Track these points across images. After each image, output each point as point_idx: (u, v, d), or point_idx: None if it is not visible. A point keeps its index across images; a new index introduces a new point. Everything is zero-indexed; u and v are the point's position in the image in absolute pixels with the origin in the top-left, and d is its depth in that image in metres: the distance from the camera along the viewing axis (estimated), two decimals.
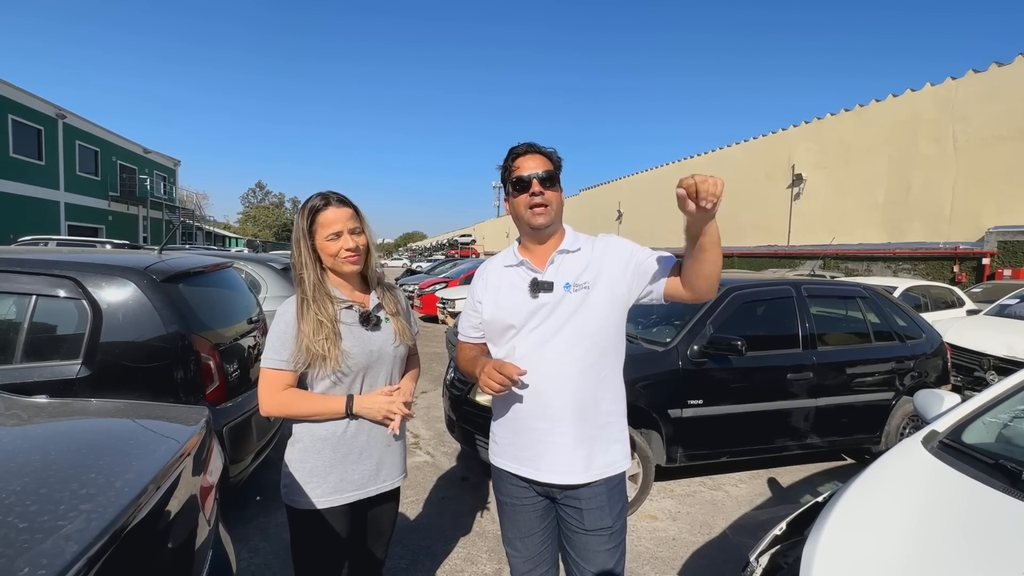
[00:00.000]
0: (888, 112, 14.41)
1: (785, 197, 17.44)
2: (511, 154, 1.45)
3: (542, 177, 1.39)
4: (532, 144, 1.45)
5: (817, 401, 3.61)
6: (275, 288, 5.27)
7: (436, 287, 12.47)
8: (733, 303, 3.56)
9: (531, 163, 1.41)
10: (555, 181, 1.42)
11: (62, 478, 0.83)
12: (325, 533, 1.47)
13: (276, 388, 1.42)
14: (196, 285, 2.86)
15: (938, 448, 1.69)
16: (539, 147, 1.45)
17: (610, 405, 1.44)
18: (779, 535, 1.69)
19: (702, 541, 2.91)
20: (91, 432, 1.11)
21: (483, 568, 2.59)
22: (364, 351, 1.47)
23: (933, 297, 7.84)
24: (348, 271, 1.49)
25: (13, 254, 2.59)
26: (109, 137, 24.32)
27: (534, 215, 1.39)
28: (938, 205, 12.98)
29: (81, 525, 0.70)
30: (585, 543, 1.41)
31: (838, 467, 4.02)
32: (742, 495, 3.49)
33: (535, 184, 1.38)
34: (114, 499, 0.78)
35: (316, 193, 1.50)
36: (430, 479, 3.64)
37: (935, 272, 12.56)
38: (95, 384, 2.32)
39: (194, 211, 35.65)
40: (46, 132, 19.95)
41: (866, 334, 4.01)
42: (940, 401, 2.03)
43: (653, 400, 3.18)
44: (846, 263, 14.73)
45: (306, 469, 1.46)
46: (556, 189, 1.43)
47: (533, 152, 1.43)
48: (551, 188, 1.40)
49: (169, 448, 1.02)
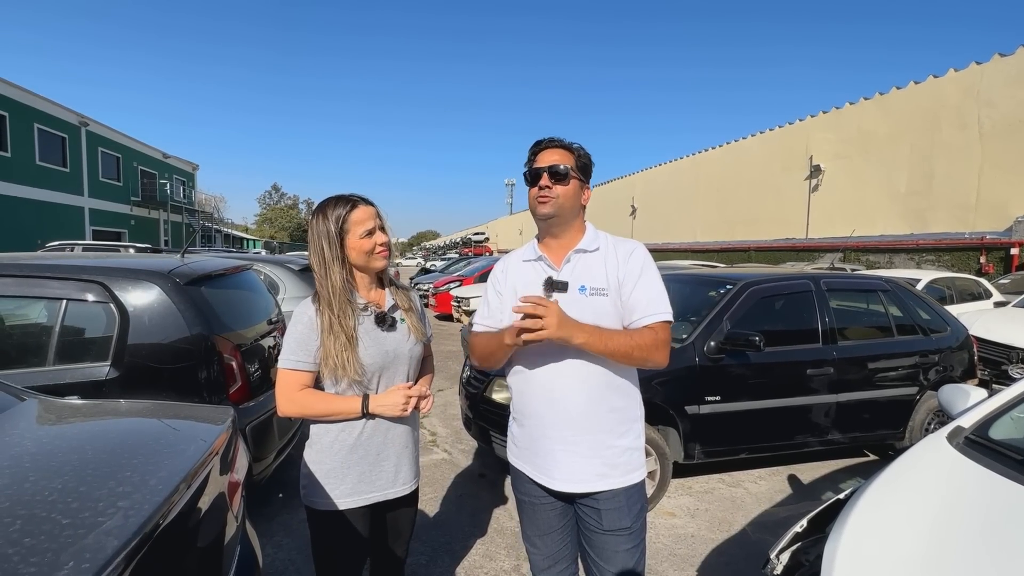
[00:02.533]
0: (910, 100, 14.04)
1: (803, 189, 17.13)
2: (532, 148, 1.46)
3: (553, 172, 1.38)
4: (554, 139, 1.45)
5: (838, 397, 3.55)
6: (293, 289, 5.36)
7: (450, 286, 12.51)
8: (750, 298, 3.53)
9: (549, 157, 1.41)
10: (568, 176, 1.39)
11: (99, 476, 0.87)
12: (345, 534, 1.49)
13: (293, 388, 1.45)
14: (218, 287, 2.93)
15: (964, 444, 1.66)
16: (561, 142, 1.44)
17: (625, 413, 1.42)
18: (800, 532, 1.68)
19: (721, 538, 2.89)
20: (124, 432, 1.15)
21: (502, 564, 2.62)
22: (380, 352, 1.48)
23: (958, 289, 7.64)
24: (381, 266, 1.51)
25: (43, 260, 2.67)
26: (130, 143, 24.91)
27: (538, 203, 1.41)
28: (963, 194, 12.61)
29: (120, 522, 0.73)
30: (604, 543, 1.40)
31: (860, 463, 3.95)
32: (761, 492, 3.46)
33: (544, 177, 1.39)
34: (149, 497, 0.81)
35: (335, 196, 1.50)
36: (447, 476, 3.67)
37: (960, 263, 12.22)
38: (123, 385, 2.39)
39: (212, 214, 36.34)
40: (70, 140, 20.51)
41: (888, 328, 3.94)
42: (966, 396, 1.99)
43: (670, 397, 3.17)
44: (867, 255, 14.41)
45: (323, 470, 1.48)
46: (568, 184, 1.39)
47: (554, 147, 1.43)
48: (561, 182, 1.38)
49: (199, 447, 1.05)
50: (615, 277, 1.38)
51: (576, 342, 1.24)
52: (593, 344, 1.26)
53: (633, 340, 1.30)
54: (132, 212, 24.90)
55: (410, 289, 1.70)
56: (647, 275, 1.38)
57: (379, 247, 1.48)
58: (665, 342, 1.34)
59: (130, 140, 24.94)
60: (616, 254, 1.41)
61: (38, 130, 18.75)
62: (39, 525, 0.72)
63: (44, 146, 19.07)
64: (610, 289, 1.36)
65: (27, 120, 18.22)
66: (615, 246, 1.44)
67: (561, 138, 1.45)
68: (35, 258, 2.77)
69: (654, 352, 1.32)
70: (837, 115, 16.25)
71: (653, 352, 1.32)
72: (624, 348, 1.29)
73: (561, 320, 1.23)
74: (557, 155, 1.41)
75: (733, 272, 4.51)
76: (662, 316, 1.35)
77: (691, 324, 3.48)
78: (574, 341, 1.24)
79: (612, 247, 1.43)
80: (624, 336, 1.31)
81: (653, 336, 1.32)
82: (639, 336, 1.31)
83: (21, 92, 17.89)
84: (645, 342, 1.31)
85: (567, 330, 1.23)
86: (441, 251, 54.35)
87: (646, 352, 1.31)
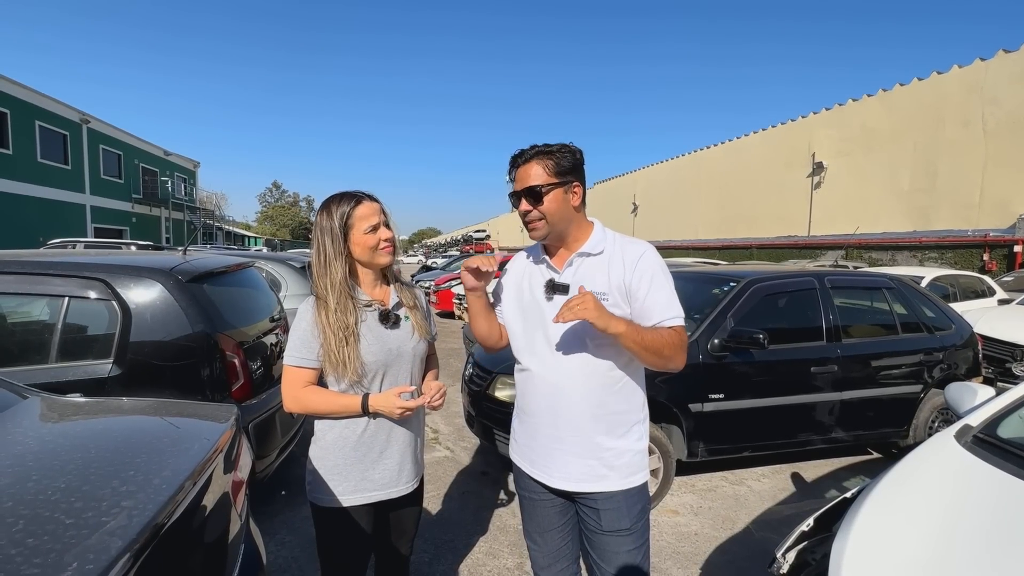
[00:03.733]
0: (913, 96, 13.99)
1: (805, 186, 17.09)
2: (510, 163, 1.39)
3: (529, 193, 1.32)
4: (528, 150, 1.36)
5: (842, 395, 3.54)
6: (295, 286, 5.36)
7: (452, 283, 12.50)
8: (754, 296, 3.51)
9: (525, 173, 1.34)
10: (545, 193, 1.32)
11: (103, 475, 0.86)
12: (349, 530, 1.49)
13: (298, 385, 1.44)
14: (220, 285, 2.92)
15: (972, 443, 1.65)
16: (537, 152, 1.34)
17: (626, 415, 1.40)
18: (806, 531, 1.67)
19: (725, 536, 2.89)
20: (127, 430, 1.14)
21: (505, 562, 2.61)
22: (383, 349, 1.47)
23: (962, 287, 7.62)
24: (386, 262, 1.50)
25: (45, 257, 2.67)
26: (131, 140, 24.92)
27: (530, 231, 1.37)
28: (967, 191, 12.58)
29: (124, 521, 0.73)
30: (604, 543, 1.39)
31: (864, 461, 3.94)
32: (765, 490, 3.45)
33: (523, 203, 1.35)
34: (153, 496, 0.81)
35: (339, 193, 1.50)
36: (450, 474, 3.67)
37: (964, 261, 12.19)
38: (126, 383, 2.38)
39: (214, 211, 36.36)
40: (71, 137, 20.51)
41: (892, 326, 3.92)
42: (973, 394, 1.97)
43: (673, 394, 3.16)
44: (870, 253, 14.38)
45: (327, 467, 1.48)
46: (550, 197, 1.32)
47: (528, 160, 1.34)
48: (540, 202, 1.32)
49: (203, 446, 1.05)
50: (619, 281, 1.34)
51: (613, 331, 1.21)
52: (630, 335, 1.23)
53: (663, 338, 1.28)
54: (133, 210, 24.92)
55: (415, 286, 1.69)
56: (659, 279, 1.34)
57: (383, 243, 1.47)
58: (685, 345, 1.33)
59: (131, 138, 24.95)
60: (623, 258, 1.36)
61: (39, 127, 18.75)
62: (42, 525, 0.71)
63: (46, 143, 19.08)
64: (612, 294, 1.33)
65: (28, 117, 18.23)
66: (622, 249, 1.38)
67: (538, 144, 1.37)
68: (37, 255, 2.76)
69: (679, 353, 1.31)
70: (840, 112, 16.20)
71: (678, 352, 1.31)
72: (656, 344, 1.26)
73: (599, 307, 1.21)
74: (533, 168, 1.33)
75: (737, 269, 4.49)
76: (679, 320, 1.33)
77: (694, 322, 3.47)
78: (611, 330, 1.21)
79: (619, 250, 1.37)
80: (655, 333, 1.28)
81: (677, 338, 1.31)
82: (667, 335, 1.30)
83: (22, 89, 17.89)
84: (673, 342, 1.29)
85: (606, 319, 1.20)
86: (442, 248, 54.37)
87: (673, 351, 1.29)
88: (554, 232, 1.36)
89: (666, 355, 1.28)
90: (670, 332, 1.30)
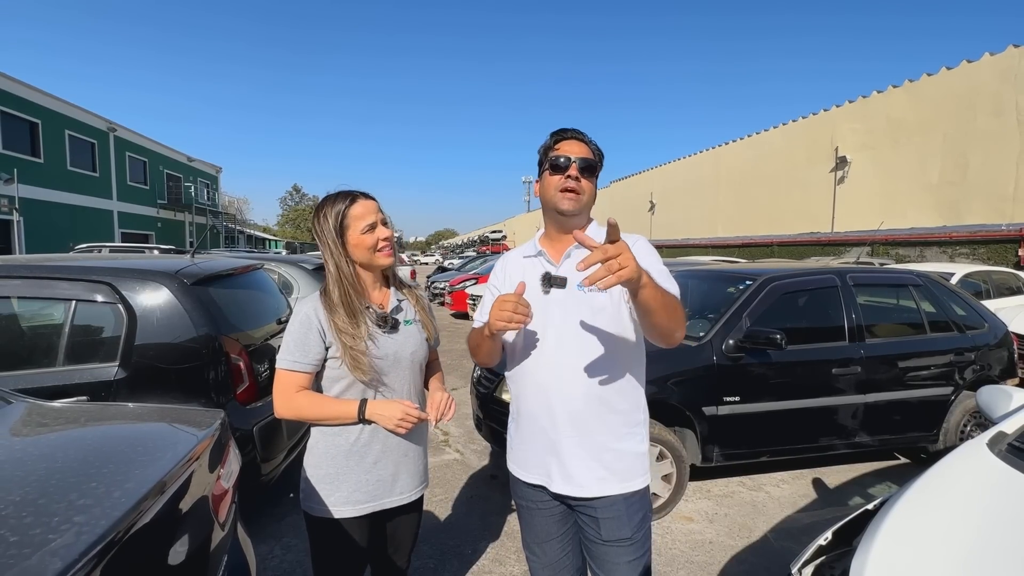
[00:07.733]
0: (942, 86, 13.45)
1: (828, 181, 16.60)
2: (555, 135, 1.39)
3: (582, 164, 1.32)
4: (579, 131, 1.39)
5: (866, 397, 3.38)
6: (307, 288, 5.37)
7: (466, 283, 12.48)
8: (771, 294, 3.38)
9: (574, 148, 1.35)
10: (593, 172, 1.36)
11: (63, 488, 0.82)
12: (341, 542, 1.44)
13: (289, 390, 1.40)
14: (226, 287, 2.92)
15: (1007, 451, 1.52)
16: (585, 135, 1.38)
17: (626, 415, 1.35)
18: (824, 545, 1.56)
19: (741, 545, 2.77)
20: (101, 438, 1.11)
21: (511, 569, 2.55)
22: (379, 354, 1.42)
23: (995, 283, 7.28)
24: (386, 263, 1.46)
25: (52, 261, 2.70)
26: (156, 148, 25.57)
27: (563, 198, 1.32)
28: (1000, 184, 12.03)
29: (70, 540, 0.68)
30: (604, 554, 1.34)
31: (890, 466, 3.76)
32: (784, 496, 3.32)
33: (573, 168, 1.31)
34: (109, 511, 0.76)
35: (333, 193, 1.46)
36: (459, 477, 3.62)
37: (997, 256, 11.66)
38: (131, 386, 2.39)
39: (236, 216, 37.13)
40: (99, 145, 21.13)
41: (920, 325, 3.74)
42: (1008, 398, 1.84)
43: (686, 397, 3.05)
44: (896, 249, 13.90)
45: (319, 476, 1.43)
46: (592, 181, 1.37)
47: (579, 139, 1.37)
48: (588, 178, 1.34)
49: (176, 454, 1.01)
50: None
51: (644, 281, 1.08)
52: (654, 289, 1.11)
53: (673, 299, 1.20)
54: (159, 215, 25.56)
55: (417, 287, 1.64)
56: (654, 258, 1.33)
57: (382, 242, 1.42)
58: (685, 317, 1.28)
59: (156, 144, 25.60)
60: None
61: (69, 136, 19.36)
62: None
63: (75, 152, 19.68)
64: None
65: (59, 127, 18.83)
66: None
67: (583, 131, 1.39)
68: (44, 259, 2.80)
69: (684, 320, 1.24)
70: (864, 104, 15.69)
71: (684, 319, 1.24)
72: (672, 302, 1.17)
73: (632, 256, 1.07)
74: (581, 148, 1.35)
75: (753, 267, 4.34)
76: (677, 293, 1.26)
77: (709, 321, 3.35)
78: (644, 279, 1.08)
79: None
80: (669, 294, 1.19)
81: (680, 304, 1.24)
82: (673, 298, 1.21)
83: (53, 100, 18.49)
84: (679, 306, 1.21)
85: (639, 270, 1.05)
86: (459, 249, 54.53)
87: (681, 314, 1.22)
88: (583, 211, 1.36)
89: (677, 316, 1.20)
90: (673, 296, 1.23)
